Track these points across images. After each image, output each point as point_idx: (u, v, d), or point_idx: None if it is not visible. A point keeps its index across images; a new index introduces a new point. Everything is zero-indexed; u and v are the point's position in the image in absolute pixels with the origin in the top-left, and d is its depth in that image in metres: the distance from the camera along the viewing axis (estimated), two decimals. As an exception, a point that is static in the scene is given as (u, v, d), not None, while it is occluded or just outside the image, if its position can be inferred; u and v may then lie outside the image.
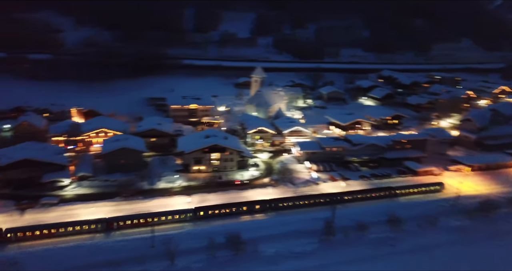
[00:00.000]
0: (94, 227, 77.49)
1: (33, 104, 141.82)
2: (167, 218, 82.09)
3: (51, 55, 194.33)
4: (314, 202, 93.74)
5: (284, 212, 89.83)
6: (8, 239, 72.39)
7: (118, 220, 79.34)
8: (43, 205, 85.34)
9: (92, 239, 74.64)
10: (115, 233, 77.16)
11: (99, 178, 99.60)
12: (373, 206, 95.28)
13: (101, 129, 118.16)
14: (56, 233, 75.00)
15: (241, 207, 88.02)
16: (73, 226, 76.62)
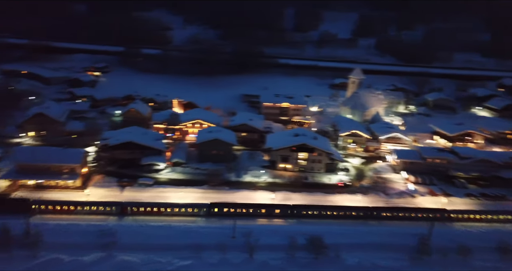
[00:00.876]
0: (109, 209, 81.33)
1: (141, 93, 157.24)
2: (180, 210, 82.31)
3: (161, 51, 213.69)
4: (358, 215, 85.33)
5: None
6: (33, 210, 78.80)
7: (132, 206, 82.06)
8: (140, 185, 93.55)
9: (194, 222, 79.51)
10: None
11: (191, 165, 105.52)
12: (481, 229, 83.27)
13: (197, 121, 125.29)
14: (76, 210, 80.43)
15: (259, 209, 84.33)
16: (90, 206, 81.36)
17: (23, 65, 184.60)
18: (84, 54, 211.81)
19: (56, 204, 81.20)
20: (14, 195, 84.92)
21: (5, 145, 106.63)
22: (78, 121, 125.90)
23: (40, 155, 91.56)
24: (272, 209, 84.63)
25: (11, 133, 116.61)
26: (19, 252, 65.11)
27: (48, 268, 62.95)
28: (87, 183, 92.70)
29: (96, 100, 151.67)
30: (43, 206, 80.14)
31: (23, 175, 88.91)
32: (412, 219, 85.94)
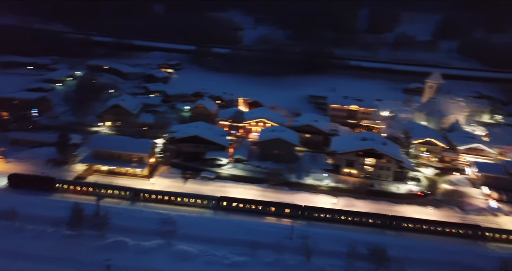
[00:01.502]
0: (124, 193, 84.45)
1: (209, 91, 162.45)
2: (190, 200, 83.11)
3: (230, 50, 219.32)
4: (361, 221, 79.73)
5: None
6: (56, 188, 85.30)
7: (145, 192, 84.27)
8: (202, 178, 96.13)
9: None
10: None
11: (252, 163, 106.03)
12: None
13: (261, 119, 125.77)
14: (93, 191, 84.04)
15: (269, 207, 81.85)
16: (107, 189, 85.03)
17: (105, 61, 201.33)
18: (160, 52, 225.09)
19: (76, 185, 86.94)
20: (87, 179, 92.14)
21: (85, 132, 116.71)
22: (149, 114, 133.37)
23: (114, 143, 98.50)
24: (282, 208, 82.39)
25: (91, 122, 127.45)
26: (89, 231, 70.24)
27: (114, 249, 66.97)
28: (153, 172, 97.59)
29: (168, 95, 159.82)
30: (70, 186, 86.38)
31: (97, 161, 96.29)
32: (438, 233, 79.18)
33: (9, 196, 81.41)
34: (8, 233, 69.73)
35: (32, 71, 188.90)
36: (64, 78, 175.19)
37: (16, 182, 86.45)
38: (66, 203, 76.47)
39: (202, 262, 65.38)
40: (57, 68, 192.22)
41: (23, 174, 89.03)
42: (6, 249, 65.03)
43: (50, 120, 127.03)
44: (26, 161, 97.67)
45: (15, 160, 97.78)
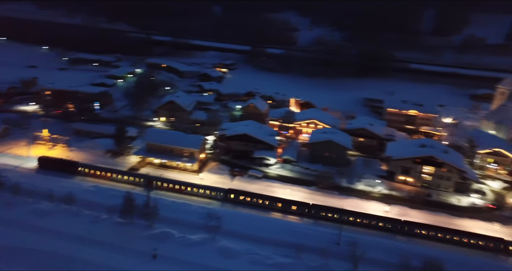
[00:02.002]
0: (138, 180, 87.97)
1: (261, 91, 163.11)
2: (199, 191, 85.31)
3: (284, 51, 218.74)
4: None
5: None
6: (79, 172, 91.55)
7: (158, 180, 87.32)
8: (249, 176, 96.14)
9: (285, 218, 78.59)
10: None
11: (301, 164, 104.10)
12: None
13: (312, 121, 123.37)
14: (111, 176, 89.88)
15: (275, 202, 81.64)
16: (123, 175, 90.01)
17: (164, 59, 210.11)
18: (215, 52, 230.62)
19: (96, 169, 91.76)
20: (140, 170, 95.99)
21: (141, 126, 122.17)
22: (202, 111, 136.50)
23: (167, 138, 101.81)
24: (288, 205, 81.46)
25: (147, 117, 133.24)
26: (139, 221, 72.90)
27: (161, 239, 68.81)
28: (202, 167, 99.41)
29: (221, 94, 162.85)
30: (91, 170, 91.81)
31: (151, 154, 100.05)
32: (456, 243, 73.84)
33: (42, 178, 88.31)
34: (67, 217, 74.33)
35: (97, 68, 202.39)
36: (125, 74, 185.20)
37: (45, 164, 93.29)
38: (119, 191, 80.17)
39: (246, 260, 64.94)
40: (120, 65, 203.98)
41: (51, 156, 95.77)
42: (65, 232, 69.24)
43: (110, 114, 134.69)
44: (86, 150, 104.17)
45: (77, 149, 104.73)
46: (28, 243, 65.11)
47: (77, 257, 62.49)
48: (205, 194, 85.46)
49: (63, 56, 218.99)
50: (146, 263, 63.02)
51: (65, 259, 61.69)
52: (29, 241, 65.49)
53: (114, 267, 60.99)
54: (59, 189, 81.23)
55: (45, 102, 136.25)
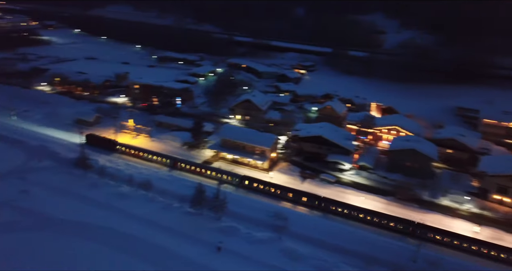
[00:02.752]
0: (165, 161, 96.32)
1: (340, 93, 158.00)
2: (217, 175, 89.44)
3: (368, 54, 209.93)
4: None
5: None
6: (117, 149, 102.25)
7: (182, 162, 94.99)
8: (321, 180, 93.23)
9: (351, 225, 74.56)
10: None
11: (378, 173, 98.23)
12: None
13: (395, 127, 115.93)
14: (140, 155, 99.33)
15: (287, 192, 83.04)
16: (153, 154, 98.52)
17: (244, 60, 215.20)
18: (295, 53, 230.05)
19: (130, 148, 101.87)
20: (213, 164, 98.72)
21: (217, 123, 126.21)
22: (277, 112, 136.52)
23: (241, 134, 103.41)
24: (299, 195, 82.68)
25: (223, 114, 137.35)
26: (208, 212, 74.76)
27: (227, 233, 69.66)
28: (273, 167, 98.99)
29: (297, 95, 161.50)
30: (126, 149, 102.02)
31: (224, 149, 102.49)
32: (473, 252, 67.70)
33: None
34: (143, 202, 79.09)
35: (182, 66, 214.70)
36: (207, 73, 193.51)
37: (91, 140, 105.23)
38: (191, 182, 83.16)
39: (311, 265, 62.62)
40: (202, 64, 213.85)
41: (96, 134, 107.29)
42: (141, 216, 73.61)
43: (190, 109, 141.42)
44: (165, 142, 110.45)
45: (157, 139, 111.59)
46: (109, 222, 70.45)
47: (151, 242, 65.88)
48: (222, 179, 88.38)
49: (153, 54, 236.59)
50: (210, 254, 64.18)
51: (141, 243, 65.47)
52: (110, 221, 70.84)
53: (182, 255, 63.09)
54: (138, 175, 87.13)
55: (134, 95, 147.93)
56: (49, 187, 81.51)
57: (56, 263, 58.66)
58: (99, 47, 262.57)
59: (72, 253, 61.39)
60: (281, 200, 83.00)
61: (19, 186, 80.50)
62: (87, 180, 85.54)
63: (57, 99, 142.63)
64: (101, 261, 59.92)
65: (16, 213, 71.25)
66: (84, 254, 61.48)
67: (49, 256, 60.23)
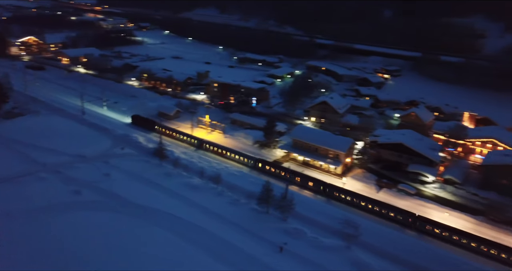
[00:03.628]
0: (193, 141, 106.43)
1: (427, 101, 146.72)
2: (235, 156, 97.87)
3: (462, 59, 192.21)
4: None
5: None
6: (155, 129, 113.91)
7: (207, 143, 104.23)
8: (399, 190, 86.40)
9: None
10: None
11: (467, 188, 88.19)
12: None
13: (491, 140, 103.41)
14: (174, 135, 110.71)
15: (295, 176, 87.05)
16: (181, 134, 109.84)
17: (323, 62, 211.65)
18: (379, 57, 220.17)
19: (166, 129, 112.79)
20: (284, 164, 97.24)
21: (290, 123, 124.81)
22: (355, 116, 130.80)
23: (314, 136, 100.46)
24: (306, 180, 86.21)
25: (298, 116, 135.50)
26: (274, 212, 73.44)
27: (292, 235, 67.51)
28: (346, 172, 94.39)
29: (378, 100, 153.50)
30: (162, 129, 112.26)
31: (295, 150, 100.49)
32: (472, 249, 65.23)
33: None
34: (212, 195, 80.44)
35: (261, 67, 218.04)
36: (284, 75, 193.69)
37: (136, 120, 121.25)
38: (259, 180, 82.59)
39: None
40: (281, 66, 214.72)
41: (140, 116, 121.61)
42: (209, 209, 74.56)
43: (265, 109, 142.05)
44: (238, 139, 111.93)
45: (230, 136, 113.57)
46: (178, 211, 72.51)
47: (216, 235, 66.12)
48: (239, 160, 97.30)
49: (234, 55, 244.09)
50: (273, 254, 62.51)
51: (207, 235, 65.92)
52: (179, 210, 72.88)
53: (245, 251, 62.42)
54: (209, 169, 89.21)
55: (212, 93, 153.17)
56: (128, 172, 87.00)
57: (126, 244, 61.83)
58: (185, 47, 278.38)
59: (140, 236, 64.23)
60: (288, 183, 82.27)
61: (102, 169, 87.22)
62: (162, 169, 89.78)
63: (143, 93, 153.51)
64: (167, 248, 61.72)
65: (97, 194, 76.99)
66: (152, 238, 63.95)
67: (120, 236, 63.75)
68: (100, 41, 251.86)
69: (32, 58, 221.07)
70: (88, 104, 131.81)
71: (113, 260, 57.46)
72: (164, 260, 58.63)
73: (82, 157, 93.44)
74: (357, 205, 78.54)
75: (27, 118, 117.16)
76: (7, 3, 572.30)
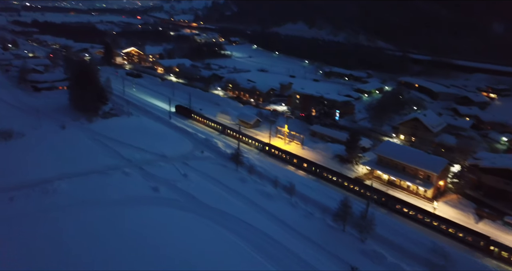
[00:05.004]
0: (218, 127, 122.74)
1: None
2: (248, 140, 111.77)
3: None
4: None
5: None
6: (192, 117, 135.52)
7: (229, 129, 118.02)
8: (505, 223, 74.29)
9: None
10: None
11: None
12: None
13: None
14: (205, 122, 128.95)
15: (292, 158, 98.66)
16: (210, 121, 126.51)
17: (418, 79, 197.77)
18: (483, 75, 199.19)
19: (198, 115, 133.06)
20: (367, 182, 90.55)
21: (376, 140, 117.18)
22: (452, 136, 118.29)
23: (402, 153, 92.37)
24: (301, 161, 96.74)
25: (385, 132, 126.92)
26: (351, 230, 67.96)
27: (370, 258, 61.52)
28: (438, 196, 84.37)
29: (481, 121, 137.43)
30: (195, 116, 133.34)
31: (380, 167, 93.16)
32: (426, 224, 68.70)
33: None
34: (285, 205, 77.57)
35: (347, 82, 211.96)
36: (373, 90, 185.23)
37: (179, 110, 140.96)
38: (337, 195, 77.64)
39: None
40: (369, 81, 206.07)
41: (182, 105, 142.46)
42: (281, 219, 71.70)
43: (348, 123, 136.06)
44: (317, 151, 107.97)
45: (309, 148, 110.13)
46: (249, 218, 70.72)
47: (287, 247, 62.64)
48: (251, 144, 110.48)
49: (319, 69, 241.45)
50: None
51: (277, 246, 62.84)
52: (250, 217, 71.08)
53: (316, 268, 58.21)
54: (283, 178, 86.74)
55: (294, 104, 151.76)
56: (204, 174, 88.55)
57: (193, 242, 61.88)
58: (271, 61, 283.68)
59: (209, 236, 63.84)
60: (287, 164, 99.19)
61: (181, 169, 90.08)
62: (237, 174, 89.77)
63: (226, 102, 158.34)
64: (234, 252, 60.26)
65: (173, 192, 79.25)
66: (220, 240, 63.11)
67: (188, 234, 64.16)
68: (193, 54, 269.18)
69: (133, 67, 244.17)
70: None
71: (176, 257, 57.69)
72: (229, 265, 57.10)
73: (164, 156, 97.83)
74: (449, 234, 69.09)
75: (121, 119, 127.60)
76: (118, 19, 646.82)
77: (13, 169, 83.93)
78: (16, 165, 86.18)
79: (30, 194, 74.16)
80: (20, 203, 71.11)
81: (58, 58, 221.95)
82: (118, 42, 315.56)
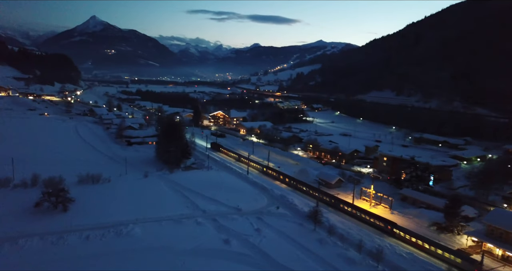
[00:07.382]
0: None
1: None
2: (253, 163, 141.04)
3: None
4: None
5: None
6: (221, 150, 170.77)
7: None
8: None
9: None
10: None
11: None
12: None
13: None
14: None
15: (280, 175, 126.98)
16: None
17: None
18: None
19: (224, 149, 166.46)
20: (474, 257, 75.44)
21: (481, 209, 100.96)
22: None
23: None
24: (285, 177, 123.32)
25: (492, 201, 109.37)
26: None
27: None
28: None
29: None
30: (223, 149, 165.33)
31: (490, 239, 77.69)
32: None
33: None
34: None
35: (440, 148, 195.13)
36: (473, 157, 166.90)
37: (213, 146, 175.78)
38: (436, 267, 64.75)
39: None
40: (467, 148, 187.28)
41: (216, 143, 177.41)
42: None
43: (444, 190, 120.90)
44: (409, 217, 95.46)
45: (398, 213, 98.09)
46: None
47: None
48: (255, 166, 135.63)
49: (408, 135, 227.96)
50: None
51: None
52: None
53: None
54: (370, 243, 76.35)
55: (381, 167, 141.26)
56: (278, 231, 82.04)
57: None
58: (354, 126, 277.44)
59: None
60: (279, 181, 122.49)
61: (255, 224, 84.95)
62: (315, 235, 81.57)
63: (306, 161, 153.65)
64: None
65: (245, 247, 73.64)
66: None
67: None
68: (275, 118, 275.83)
69: (217, 128, 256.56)
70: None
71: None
72: None
73: (239, 210, 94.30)
74: None
75: (201, 172, 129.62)
76: (210, 90, 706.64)
77: (94, 210, 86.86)
78: (97, 207, 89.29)
79: (105, 235, 74.79)
80: (95, 243, 71.67)
81: (152, 119, 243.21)
82: (206, 108, 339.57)
